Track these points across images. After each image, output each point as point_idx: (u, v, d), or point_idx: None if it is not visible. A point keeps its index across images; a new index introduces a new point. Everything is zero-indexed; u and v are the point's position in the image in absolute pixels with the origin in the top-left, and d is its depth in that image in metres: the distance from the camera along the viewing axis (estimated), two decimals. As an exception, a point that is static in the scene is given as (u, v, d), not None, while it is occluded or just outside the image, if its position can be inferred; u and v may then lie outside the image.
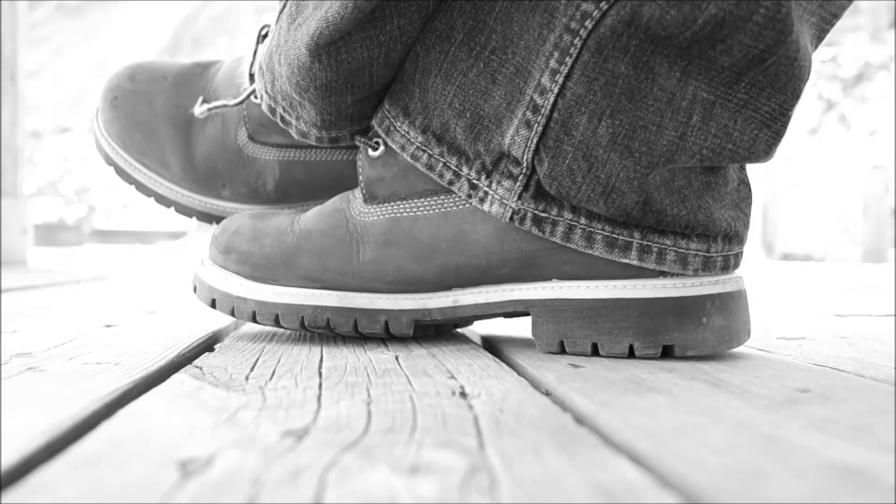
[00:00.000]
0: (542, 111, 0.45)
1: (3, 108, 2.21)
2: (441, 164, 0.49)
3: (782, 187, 6.36)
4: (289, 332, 0.58)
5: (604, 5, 0.42)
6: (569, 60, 0.43)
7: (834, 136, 7.67)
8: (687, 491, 0.22)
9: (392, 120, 0.51)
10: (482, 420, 0.30)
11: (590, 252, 0.47)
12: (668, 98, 0.43)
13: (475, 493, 0.21)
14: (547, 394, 0.36)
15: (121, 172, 0.60)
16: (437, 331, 0.57)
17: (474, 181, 0.48)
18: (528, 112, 0.45)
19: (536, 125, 0.45)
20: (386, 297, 0.51)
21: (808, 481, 0.22)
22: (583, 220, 0.47)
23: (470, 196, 0.48)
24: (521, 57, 0.45)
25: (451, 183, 0.49)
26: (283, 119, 0.55)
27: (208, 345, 0.52)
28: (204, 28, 19.33)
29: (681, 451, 0.26)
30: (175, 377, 0.38)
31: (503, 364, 0.44)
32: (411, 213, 0.50)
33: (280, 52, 0.51)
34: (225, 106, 0.57)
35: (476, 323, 0.63)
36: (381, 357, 0.46)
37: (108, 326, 0.61)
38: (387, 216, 0.51)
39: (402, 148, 0.50)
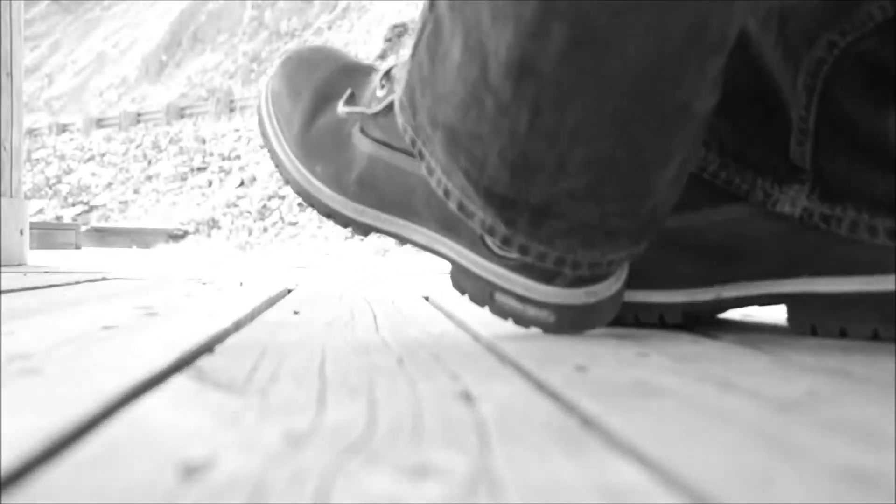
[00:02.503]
0: None
1: (0, 105, 2.20)
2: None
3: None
4: (292, 332, 0.58)
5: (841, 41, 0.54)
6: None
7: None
8: (695, 493, 0.22)
9: None
10: (488, 422, 0.30)
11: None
12: None
13: (481, 496, 0.21)
14: (553, 396, 0.36)
15: (260, 121, 0.68)
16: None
17: None
18: None
19: None
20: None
21: (817, 483, 0.22)
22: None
23: None
24: None
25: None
26: (420, 152, 0.58)
27: (209, 346, 0.51)
28: (202, 24, 19.32)
29: (689, 453, 0.25)
30: (175, 379, 0.38)
31: (508, 366, 0.44)
32: None
33: (426, 85, 0.54)
34: (362, 114, 0.62)
35: (481, 324, 0.63)
36: (385, 359, 0.46)
37: (106, 328, 0.60)
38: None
39: None
